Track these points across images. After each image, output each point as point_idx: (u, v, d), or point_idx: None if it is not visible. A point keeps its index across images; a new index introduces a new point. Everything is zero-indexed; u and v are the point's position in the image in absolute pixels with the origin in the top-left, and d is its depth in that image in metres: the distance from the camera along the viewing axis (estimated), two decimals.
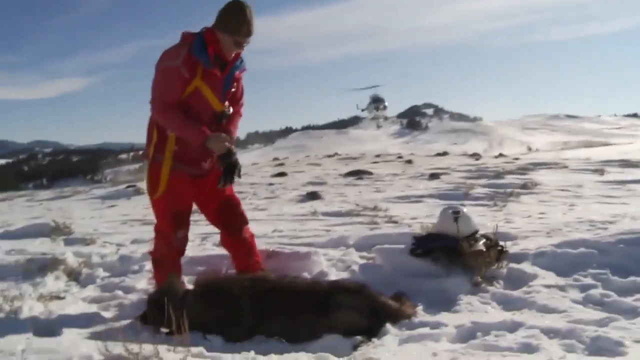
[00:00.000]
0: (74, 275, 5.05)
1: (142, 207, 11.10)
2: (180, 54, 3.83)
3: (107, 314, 4.01)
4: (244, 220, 4.38)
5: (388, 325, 3.22)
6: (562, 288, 3.86)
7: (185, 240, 4.18)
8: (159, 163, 4.00)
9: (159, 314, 3.29)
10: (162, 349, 2.76)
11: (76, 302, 4.31)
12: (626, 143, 53.64)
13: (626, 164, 15.12)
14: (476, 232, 4.47)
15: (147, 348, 2.67)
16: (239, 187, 11.91)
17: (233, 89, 4.18)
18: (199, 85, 3.91)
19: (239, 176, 4.03)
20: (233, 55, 4.03)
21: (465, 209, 4.52)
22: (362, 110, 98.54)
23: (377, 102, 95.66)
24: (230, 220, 4.33)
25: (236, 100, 4.27)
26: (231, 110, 4.18)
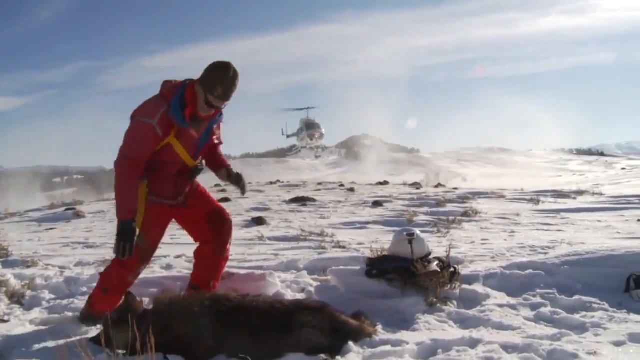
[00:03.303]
0: (16, 298, 4.85)
1: (82, 230, 10.78)
2: (157, 112, 3.84)
3: (57, 337, 3.86)
4: (230, 233, 4.42)
5: (350, 344, 3.25)
6: (513, 307, 4.03)
7: (139, 274, 4.24)
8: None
9: (115, 335, 3.22)
10: None
11: (23, 325, 4.14)
12: (556, 176, 55.92)
13: (558, 194, 15.77)
14: (429, 254, 4.59)
15: None
16: None
17: (214, 140, 4.33)
18: (171, 142, 3.95)
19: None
20: (207, 114, 4.02)
21: (419, 231, 4.64)
22: (288, 136, 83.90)
23: (311, 128, 79.44)
24: (221, 229, 4.35)
25: (217, 142, 4.41)
26: (204, 165, 4.32)
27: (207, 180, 4.96)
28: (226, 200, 16.56)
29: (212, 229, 4.33)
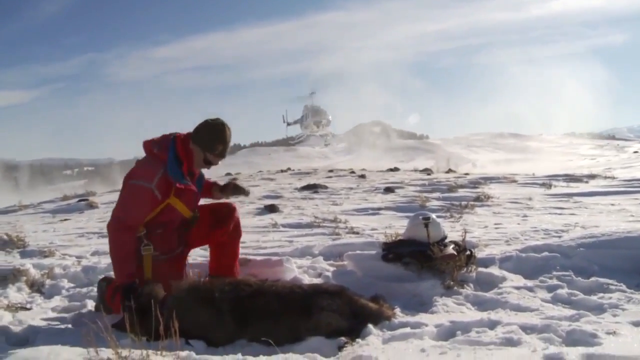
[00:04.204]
0: (36, 287, 4.93)
1: (96, 220, 10.87)
2: (155, 176, 3.85)
3: (79, 324, 3.92)
4: (238, 213, 4.45)
5: (370, 326, 3.28)
6: (530, 289, 4.05)
7: None
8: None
9: (138, 321, 3.26)
10: (150, 352, 2.74)
11: (45, 312, 4.22)
12: (567, 160, 55.60)
13: (570, 178, 15.70)
14: (445, 237, 4.60)
15: (136, 352, 2.64)
16: None
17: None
18: (171, 202, 3.98)
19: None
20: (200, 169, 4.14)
21: (434, 216, 4.65)
22: (288, 124, 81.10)
23: (316, 115, 76.10)
24: (230, 215, 4.37)
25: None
26: (198, 214, 4.28)
27: (214, 170, 4.98)
28: None
29: (221, 223, 4.35)
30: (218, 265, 4.41)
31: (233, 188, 4.53)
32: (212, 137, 3.95)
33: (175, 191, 3.95)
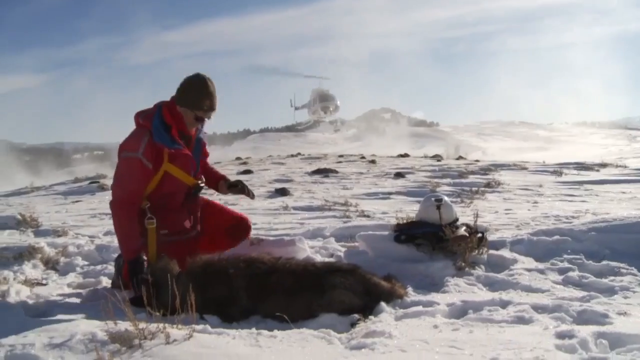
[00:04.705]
0: (51, 264, 4.99)
1: (107, 202, 10.95)
2: (140, 144, 3.80)
3: (95, 299, 3.98)
4: (248, 227, 4.53)
5: (382, 304, 3.32)
6: (541, 271, 4.07)
7: None
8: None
9: (154, 296, 3.31)
10: (167, 325, 2.78)
11: (61, 288, 4.29)
12: (578, 149, 55.35)
13: (581, 166, 15.66)
14: (457, 219, 4.62)
15: (153, 325, 2.69)
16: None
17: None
18: (167, 169, 3.93)
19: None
20: (194, 129, 4.08)
21: (446, 198, 4.67)
22: (296, 108, 78.83)
23: (324, 100, 72.75)
24: (238, 240, 4.41)
25: (205, 156, 4.42)
26: (204, 182, 4.27)
27: (225, 153, 5.00)
28: (248, 172, 16.68)
29: (233, 237, 4.38)
30: None
31: (241, 189, 4.43)
32: (197, 94, 3.87)
33: (168, 157, 3.91)
